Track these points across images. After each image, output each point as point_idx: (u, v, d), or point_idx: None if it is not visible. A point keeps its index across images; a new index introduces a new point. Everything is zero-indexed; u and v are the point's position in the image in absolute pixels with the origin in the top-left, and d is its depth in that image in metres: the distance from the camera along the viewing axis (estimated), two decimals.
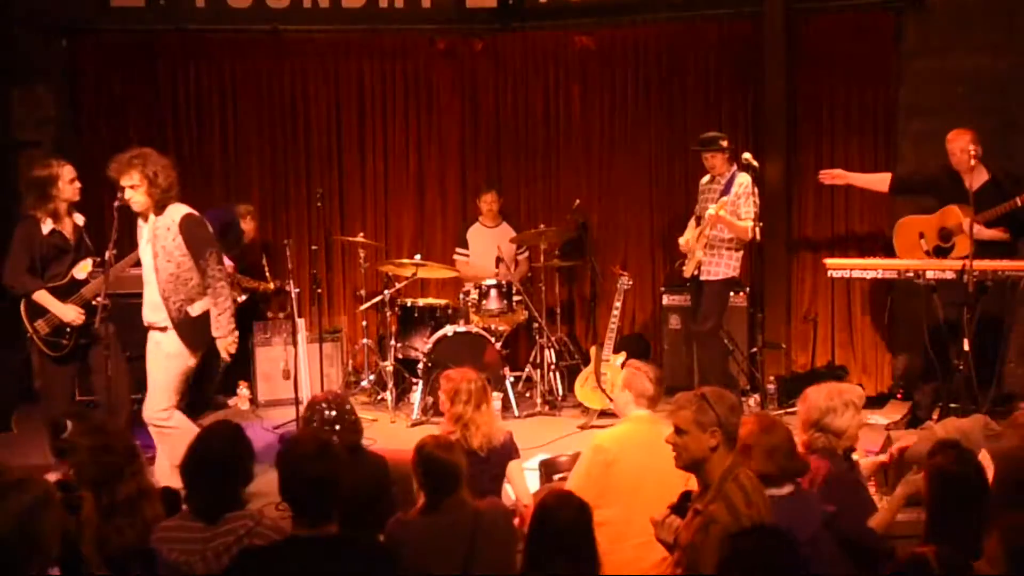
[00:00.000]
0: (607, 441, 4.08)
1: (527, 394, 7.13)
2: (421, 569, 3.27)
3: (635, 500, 3.91)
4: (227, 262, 6.57)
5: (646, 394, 4.16)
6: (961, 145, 5.99)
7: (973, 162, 5.93)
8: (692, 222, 6.79)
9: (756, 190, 6.02)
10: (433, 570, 3.33)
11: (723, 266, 6.45)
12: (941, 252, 6.14)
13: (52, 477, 3.29)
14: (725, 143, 6.47)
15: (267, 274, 7.21)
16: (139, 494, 3.21)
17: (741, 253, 6.47)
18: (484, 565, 3.39)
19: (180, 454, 4.67)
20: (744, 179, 6.31)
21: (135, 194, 4.85)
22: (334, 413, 4.17)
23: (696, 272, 6.53)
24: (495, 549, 3.48)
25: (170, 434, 4.93)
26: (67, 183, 5.35)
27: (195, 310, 4.95)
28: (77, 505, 3.01)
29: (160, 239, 4.89)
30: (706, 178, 6.68)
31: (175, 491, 3.53)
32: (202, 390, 6.95)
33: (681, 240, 6.71)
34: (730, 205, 6.20)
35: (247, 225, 7.29)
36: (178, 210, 4.94)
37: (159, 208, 4.90)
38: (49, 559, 2.64)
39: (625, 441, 4.05)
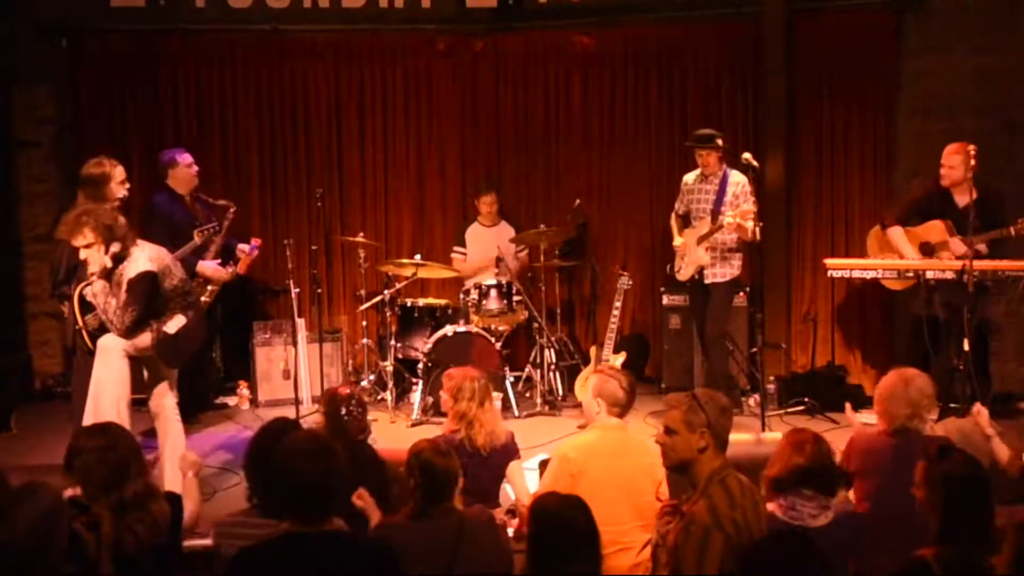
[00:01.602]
0: (573, 451, 4.02)
1: (527, 394, 7.12)
2: (406, 573, 3.26)
3: (604, 509, 3.90)
4: (211, 264, 6.52)
5: (618, 402, 4.10)
6: (960, 160, 5.93)
7: (969, 174, 5.89)
8: (675, 223, 6.70)
9: (753, 188, 6.00)
10: (417, 574, 3.31)
11: (728, 267, 6.45)
12: None
13: (66, 493, 3.30)
14: (720, 141, 6.43)
15: (220, 207, 6.61)
16: (146, 492, 3.22)
17: (742, 254, 6.48)
18: (466, 572, 3.38)
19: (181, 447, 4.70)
20: (740, 178, 6.30)
21: (91, 252, 4.72)
22: (355, 408, 4.21)
23: (696, 275, 6.50)
24: (478, 557, 3.45)
25: (179, 425, 5.05)
26: (118, 183, 5.48)
27: (171, 328, 4.97)
28: (95, 523, 3.00)
29: None
30: (692, 176, 6.60)
31: (176, 496, 3.52)
32: (201, 391, 6.96)
33: (676, 243, 6.66)
34: (731, 207, 6.14)
35: (177, 179, 6.60)
36: (142, 263, 4.82)
37: (121, 260, 4.79)
38: (58, 565, 2.65)
39: (592, 451, 4.00)
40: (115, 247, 4.73)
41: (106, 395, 4.76)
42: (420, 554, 3.33)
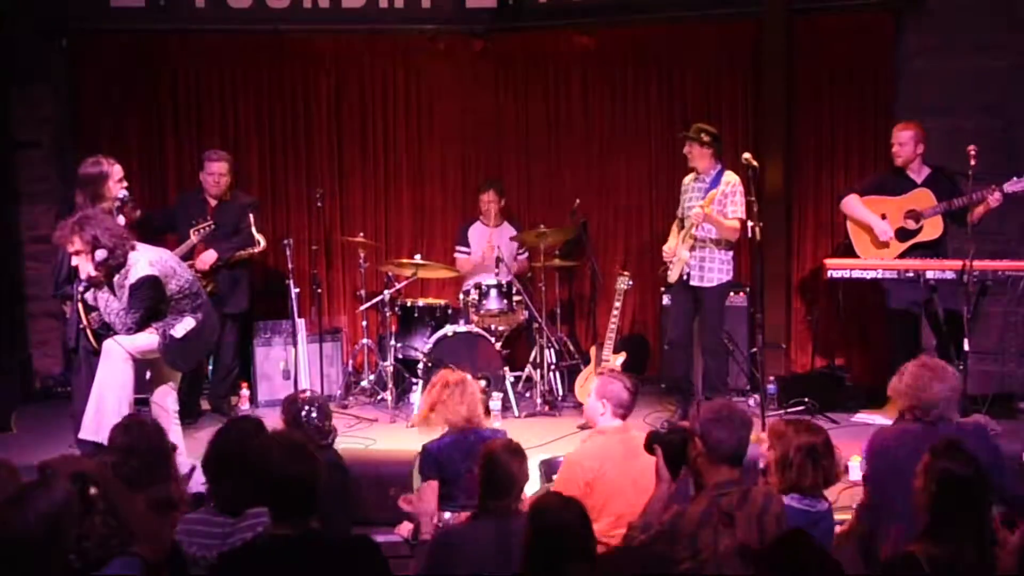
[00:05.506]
0: (587, 460, 4.03)
1: (527, 394, 7.12)
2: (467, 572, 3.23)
3: (620, 511, 3.90)
4: (212, 254, 6.49)
5: (622, 404, 4.13)
6: (909, 136, 6.23)
7: (919, 151, 6.21)
8: (675, 227, 6.53)
9: (748, 189, 5.93)
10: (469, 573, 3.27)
11: (716, 271, 6.23)
12: (906, 234, 6.21)
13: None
14: (706, 137, 6.19)
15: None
16: (178, 497, 3.24)
17: (731, 255, 6.32)
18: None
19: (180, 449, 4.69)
20: (731, 178, 6.20)
21: (80, 260, 4.77)
22: (314, 412, 4.20)
23: (684, 277, 6.30)
24: None
25: (178, 428, 5.13)
26: (115, 182, 5.52)
27: (178, 332, 4.98)
28: (89, 501, 2.99)
29: None
30: (689, 177, 6.46)
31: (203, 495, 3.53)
32: (217, 404, 6.94)
33: (665, 248, 6.48)
34: (717, 204, 6.03)
35: (216, 173, 6.68)
36: (142, 268, 4.87)
37: (121, 265, 4.83)
38: (66, 556, 2.66)
39: (604, 457, 4.01)
40: (100, 254, 4.74)
41: (109, 398, 4.77)
42: (476, 554, 3.27)
